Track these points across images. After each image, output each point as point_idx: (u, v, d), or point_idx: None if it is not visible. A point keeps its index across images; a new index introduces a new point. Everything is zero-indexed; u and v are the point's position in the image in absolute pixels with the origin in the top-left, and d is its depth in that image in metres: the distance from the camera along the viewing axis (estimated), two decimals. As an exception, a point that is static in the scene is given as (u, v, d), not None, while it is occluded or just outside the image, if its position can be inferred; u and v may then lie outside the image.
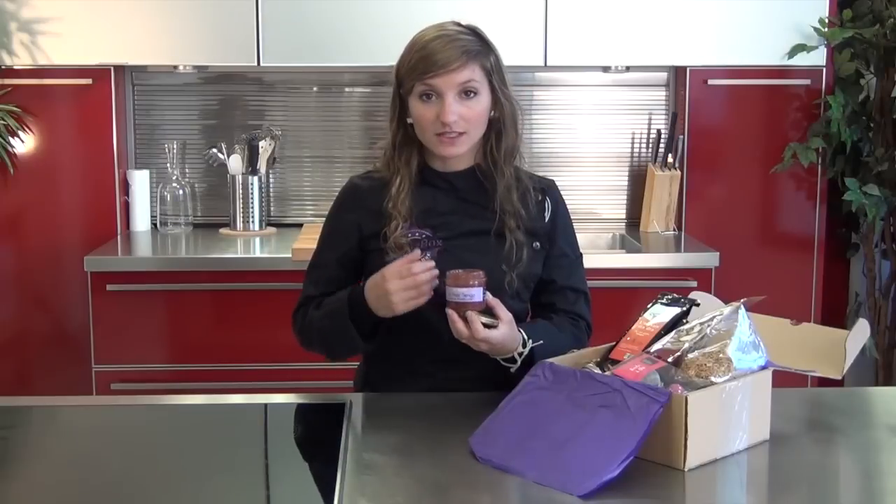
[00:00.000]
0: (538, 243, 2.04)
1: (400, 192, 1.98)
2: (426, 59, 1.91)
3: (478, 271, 1.85)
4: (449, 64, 1.90)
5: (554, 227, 2.06)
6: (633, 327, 1.88)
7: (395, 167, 2.00)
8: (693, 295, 1.94)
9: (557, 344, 1.95)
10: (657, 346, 1.78)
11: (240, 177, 3.60)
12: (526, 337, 1.92)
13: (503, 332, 1.85)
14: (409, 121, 1.98)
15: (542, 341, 1.93)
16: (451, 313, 1.84)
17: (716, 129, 3.58)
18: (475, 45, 1.94)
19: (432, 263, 1.86)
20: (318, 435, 1.93)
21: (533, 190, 2.05)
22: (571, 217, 2.12)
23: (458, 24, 1.98)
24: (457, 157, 1.99)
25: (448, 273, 1.86)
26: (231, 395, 2.19)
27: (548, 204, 2.06)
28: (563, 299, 2.07)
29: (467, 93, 1.93)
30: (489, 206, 2.01)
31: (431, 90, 1.92)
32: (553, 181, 2.13)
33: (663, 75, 3.73)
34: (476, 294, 1.84)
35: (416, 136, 1.99)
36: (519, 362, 1.91)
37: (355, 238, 2.02)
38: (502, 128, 2.00)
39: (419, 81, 1.92)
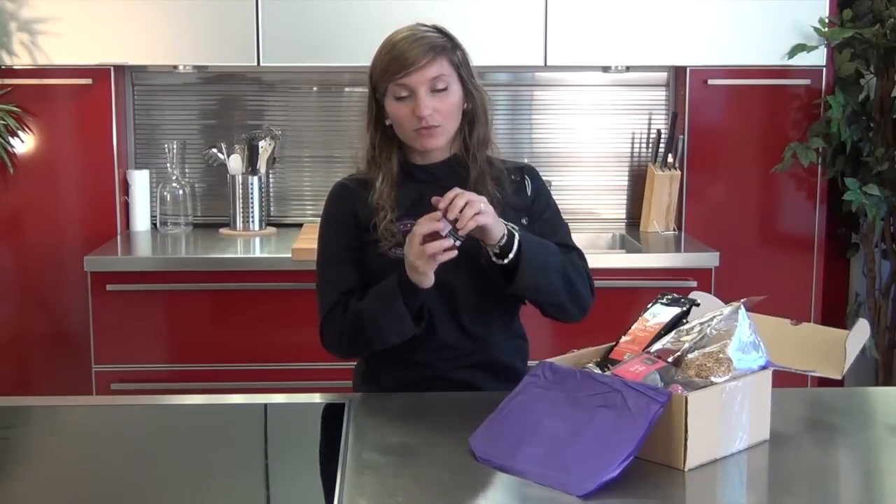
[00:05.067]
0: (526, 219, 2.10)
1: (384, 186, 2.06)
2: (396, 60, 1.99)
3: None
4: (418, 61, 1.98)
5: (538, 199, 2.14)
6: (633, 327, 1.88)
7: (378, 165, 2.08)
8: (693, 295, 1.94)
9: (545, 245, 1.99)
10: (657, 346, 1.78)
11: (240, 177, 3.60)
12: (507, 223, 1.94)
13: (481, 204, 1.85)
14: (388, 122, 2.06)
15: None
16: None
17: (716, 129, 3.58)
18: (440, 40, 2.03)
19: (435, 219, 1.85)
20: (317, 435, 1.94)
21: (513, 171, 2.13)
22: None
23: (424, 25, 2.07)
24: (436, 149, 2.06)
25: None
26: (231, 395, 2.19)
27: (528, 182, 2.14)
28: None
29: (438, 88, 2.00)
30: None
31: (405, 89, 1.99)
32: (530, 164, 2.22)
33: (663, 75, 3.73)
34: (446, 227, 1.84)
35: (395, 135, 2.07)
36: (514, 245, 1.91)
37: (354, 227, 2.08)
38: (475, 118, 2.08)
39: (392, 82, 2.00)
